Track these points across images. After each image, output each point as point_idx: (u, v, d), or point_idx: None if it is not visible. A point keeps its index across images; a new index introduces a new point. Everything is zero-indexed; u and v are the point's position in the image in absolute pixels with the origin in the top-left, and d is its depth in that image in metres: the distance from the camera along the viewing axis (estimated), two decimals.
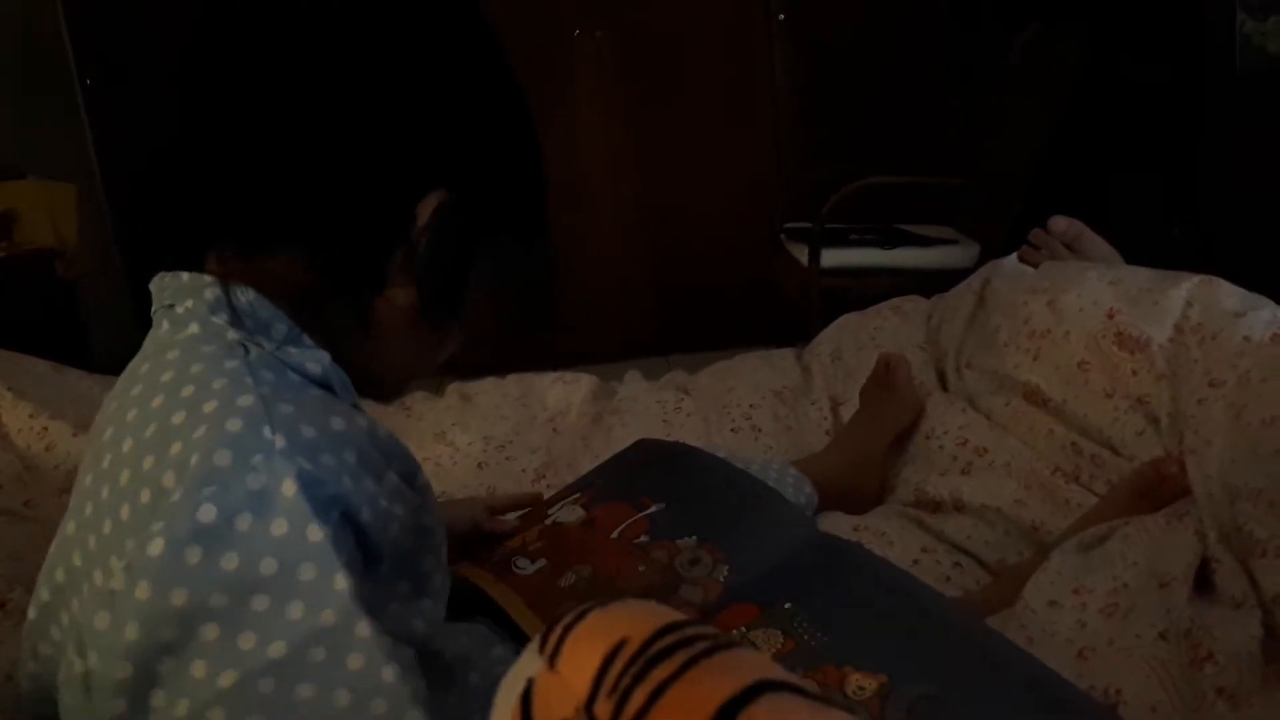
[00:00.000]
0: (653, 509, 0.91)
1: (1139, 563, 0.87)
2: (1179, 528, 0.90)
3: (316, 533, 0.53)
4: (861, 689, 0.68)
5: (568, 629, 0.38)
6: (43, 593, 0.62)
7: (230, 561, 0.52)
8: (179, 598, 0.51)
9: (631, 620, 0.37)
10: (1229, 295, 1.12)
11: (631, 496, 0.94)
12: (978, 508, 1.13)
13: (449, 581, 0.68)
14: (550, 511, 0.99)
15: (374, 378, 0.70)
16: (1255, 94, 2.24)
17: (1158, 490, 0.99)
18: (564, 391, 1.49)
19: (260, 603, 0.52)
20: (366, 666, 0.54)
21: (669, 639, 0.36)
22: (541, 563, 0.89)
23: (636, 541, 0.88)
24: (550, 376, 1.56)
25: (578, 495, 0.99)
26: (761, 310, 3.01)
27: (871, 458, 1.26)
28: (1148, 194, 2.42)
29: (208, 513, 0.52)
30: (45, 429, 1.22)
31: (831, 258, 2.48)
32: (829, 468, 1.22)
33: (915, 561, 1.07)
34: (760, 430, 1.35)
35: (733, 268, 3.15)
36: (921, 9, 3.01)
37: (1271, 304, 1.11)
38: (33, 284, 2.52)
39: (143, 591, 0.51)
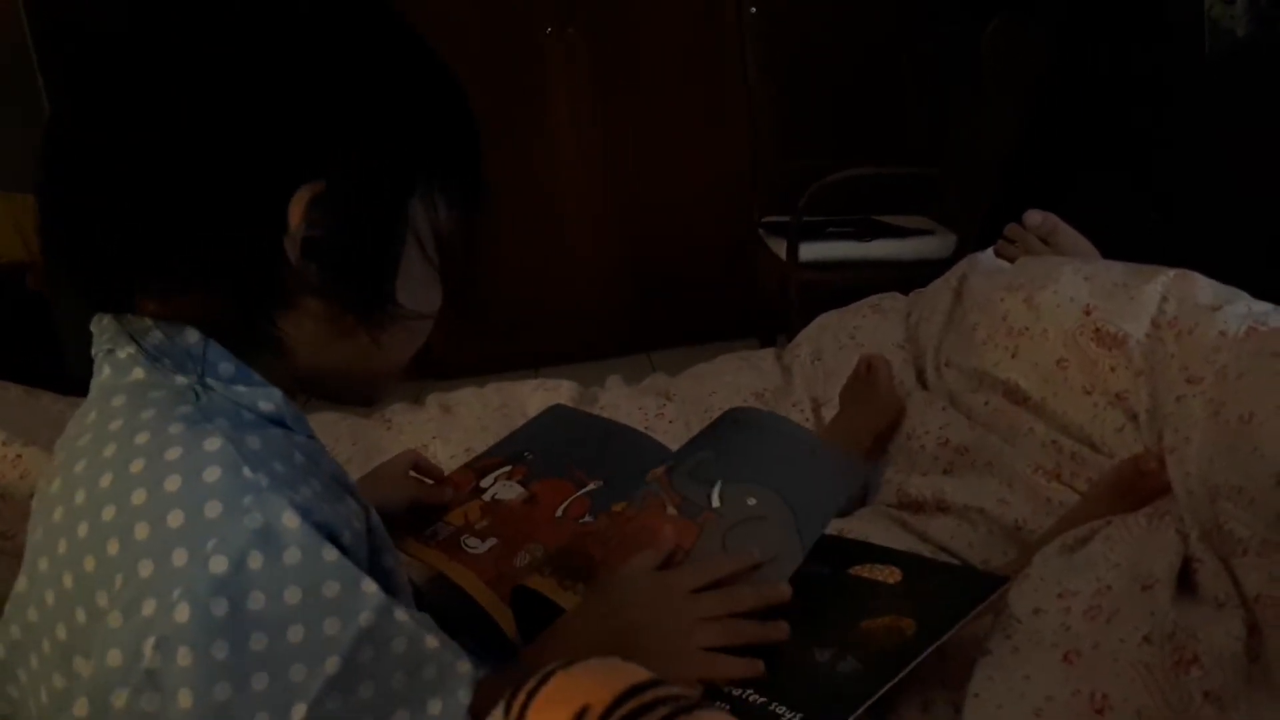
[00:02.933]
0: (591, 486, 0.97)
1: (1121, 564, 0.87)
2: (1160, 527, 0.90)
3: (331, 553, 0.55)
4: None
5: (531, 695, 0.38)
6: (6, 642, 0.61)
7: (257, 601, 0.52)
8: (221, 651, 0.51)
9: (594, 685, 0.37)
10: (1204, 289, 1.13)
11: (568, 472, 0.99)
12: (960, 507, 1.13)
13: (405, 574, 0.70)
14: (484, 485, 1.01)
15: (337, 389, 0.69)
16: (1224, 77, 2.25)
17: (1138, 487, 0.99)
18: (545, 399, 1.48)
19: (296, 633, 0.52)
20: (410, 644, 0.57)
21: (631, 704, 0.36)
22: (492, 541, 0.93)
23: (581, 521, 0.93)
24: (531, 384, 1.56)
25: (510, 469, 1.02)
26: (740, 304, 3.02)
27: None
28: (1120, 180, 2.43)
29: (219, 564, 0.51)
30: (19, 456, 1.20)
31: (809, 251, 2.48)
32: None
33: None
34: None
35: (710, 262, 3.15)
36: (892, 1, 3.02)
37: (1247, 297, 1.11)
38: (2, 298, 2.49)
39: (184, 658, 0.50)
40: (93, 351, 0.63)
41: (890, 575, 0.83)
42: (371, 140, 0.60)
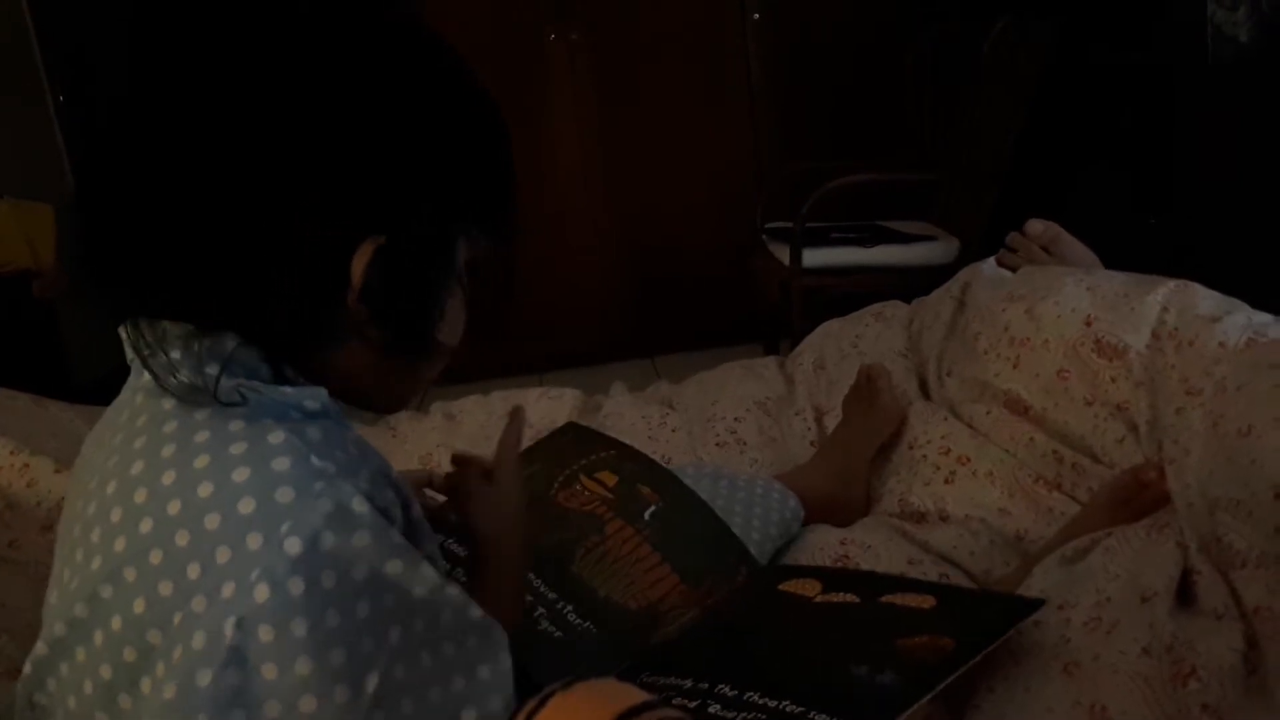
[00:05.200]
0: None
1: (1121, 575, 0.87)
2: (1160, 539, 0.91)
3: (396, 535, 0.58)
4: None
5: (530, 716, 0.38)
6: (40, 647, 0.62)
7: (329, 579, 0.54)
8: (300, 628, 0.53)
9: (592, 707, 0.38)
10: (1204, 300, 1.13)
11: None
12: (962, 517, 1.14)
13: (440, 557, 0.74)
14: None
15: (359, 401, 0.70)
16: (1227, 83, 2.26)
17: (1138, 498, 1.00)
18: (548, 407, 1.49)
19: (363, 608, 0.55)
20: (456, 616, 0.60)
21: None
22: None
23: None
24: (535, 392, 1.56)
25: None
26: (742, 309, 3.02)
27: (856, 469, 1.26)
28: (1122, 185, 2.43)
29: (293, 545, 0.54)
30: (27, 465, 1.21)
31: (812, 257, 2.48)
32: (814, 480, 1.23)
33: (902, 574, 1.08)
34: (745, 443, 1.36)
35: (712, 267, 3.16)
36: (895, 6, 3.02)
37: (1246, 308, 1.11)
38: (9, 305, 2.50)
39: (266, 635, 0.53)
40: (129, 359, 0.64)
41: (924, 602, 0.83)
42: (431, 194, 0.62)
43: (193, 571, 0.55)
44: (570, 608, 0.88)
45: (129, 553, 0.57)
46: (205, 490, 0.56)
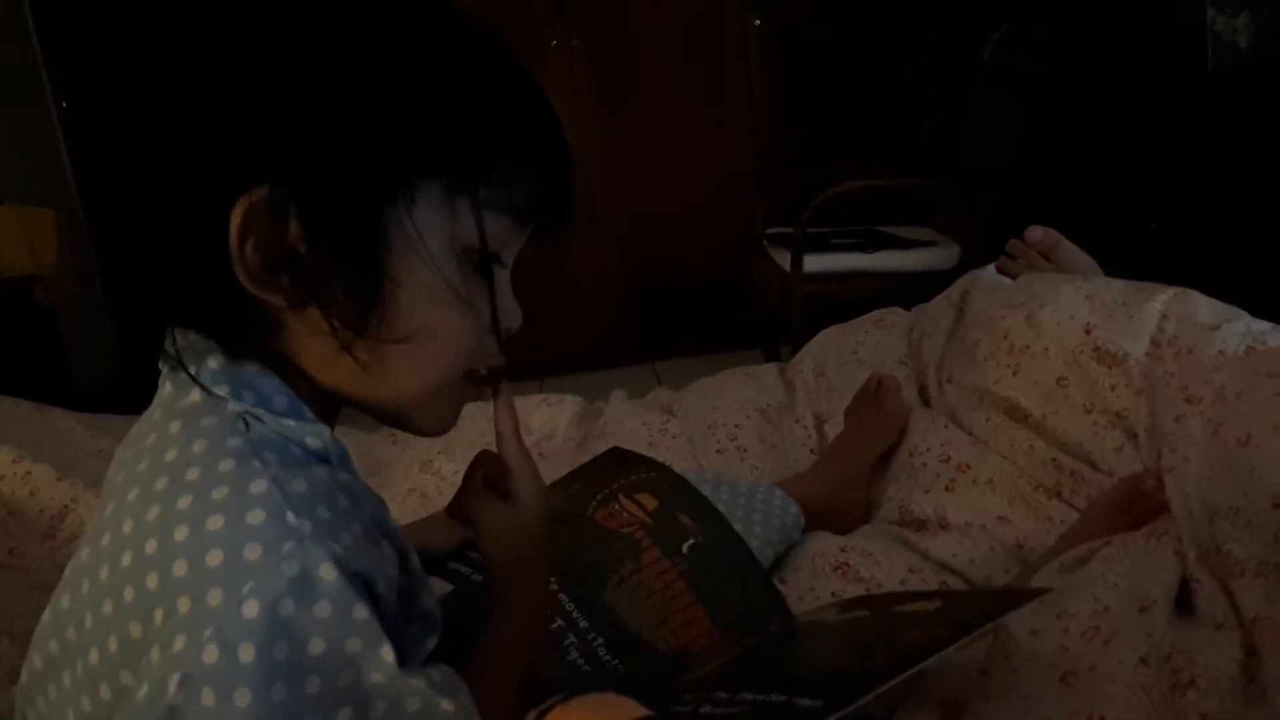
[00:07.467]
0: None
1: (1120, 584, 0.87)
2: (1159, 548, 0.91)
3: (361, 611, 0.53)
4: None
5: None
6: (35, 660, 0.62)
7: (281, 651, 0.51)
8: (243, 698, 0.50)
9: None
10: (1204, 307, 1.13)
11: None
12: (962, 525, 1.14)
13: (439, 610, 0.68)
14: None
15: (376, 414, 0.67)
16: (1227, 90, 2.26)
17: (1137, 506, 1.00)
18: (549, 414, 1.49)
19: (313, 684, 0.52)
20: (424, 706, 0.55)
21: None
22: None
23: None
24: (535, 399, 1.56)
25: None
26: (742, 314, 3.03)
27: (857, 476, 1.27)
28: (1122, 190, 2.44)
29: (251, 608, 0.51)
30: (29, 473, 1.21)
31: (813, 263, 2.49)
32: (815, 488, 1.23)
33: (902, 581, 1.08)
34: (746, 450, 1.36)
35: (713, 272, 3.17)
36: (895, 12, 3.03)
37: (1246, 315, 1.12)
38: (10, 310, 2.51)
39: (208, 699, 0.50)
40: (160, 363, 0.63)
41: (930, 605, 0.83)
42: (321, 140, 0.54)
43: (157, 617, 0.52)
44: (601, 641, 0.86)
45: (108, 585, 0.55)
46: (180, 534, 0.53)
